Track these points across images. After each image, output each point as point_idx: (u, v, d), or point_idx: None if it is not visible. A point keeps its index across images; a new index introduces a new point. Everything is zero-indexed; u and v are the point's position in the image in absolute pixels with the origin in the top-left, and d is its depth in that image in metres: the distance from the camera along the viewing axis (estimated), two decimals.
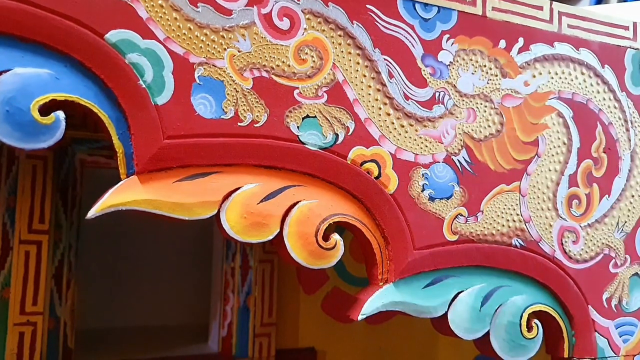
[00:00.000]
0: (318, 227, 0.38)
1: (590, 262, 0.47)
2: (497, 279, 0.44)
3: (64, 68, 0.33)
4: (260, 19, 0.38)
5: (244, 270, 0.68)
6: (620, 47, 0.49)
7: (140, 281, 0.76)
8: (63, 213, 0.59)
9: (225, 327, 0.67)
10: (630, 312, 0.49)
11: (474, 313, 0.42)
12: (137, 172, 0.34)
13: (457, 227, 0.43)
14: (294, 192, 0.38)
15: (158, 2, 0.35)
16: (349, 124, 0.40)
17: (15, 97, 0.31)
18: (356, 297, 0.41)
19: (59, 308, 0.59)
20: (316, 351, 0.73)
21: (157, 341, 0.71)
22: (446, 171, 0.43)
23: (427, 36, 0.42)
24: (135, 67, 0.34)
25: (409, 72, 0.42)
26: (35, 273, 0.56)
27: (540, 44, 0.46)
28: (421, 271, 0.41)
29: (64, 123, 0.33)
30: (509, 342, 0.43)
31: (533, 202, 0.46)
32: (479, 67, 0.44)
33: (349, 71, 0.40)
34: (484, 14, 0.44)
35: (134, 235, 0.75)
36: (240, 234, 0.36)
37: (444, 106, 0.43)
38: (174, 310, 0.77)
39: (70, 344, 0.60)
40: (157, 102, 0.35)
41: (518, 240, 0.45)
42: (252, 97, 0.37)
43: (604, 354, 0.47)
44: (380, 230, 0.41)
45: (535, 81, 0.46)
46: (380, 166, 0.40)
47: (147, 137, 0.34)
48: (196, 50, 0.36)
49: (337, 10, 0.40)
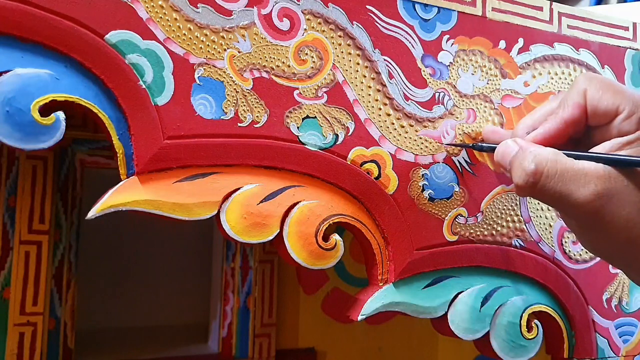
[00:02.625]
0: (318, 227, 0.38)
1: (590, 262, 0.47)
2: (497, 280, 0.44)
3: (64, 68, 0.33)
4: (260, 19, 0.38)
5: (244, 270, 0.67)
6: (620, 48, 0.50)
7: (141, 281, 0.76)
8: (63, 213, 0.59)
9: (225, 328, 0.67)
10: (630, 313, 0.49)
11: (474, 313, 0.42)
12: (137, 172, 0.34)
13: (457, 228, 0.43)
14: (294, 193, 0.38)
15: (158, 2, 0.35)
16: (349, 125, 0.40)
17: (15, 97, 0.31)
18: (356, 297, 0.42)
19: (59, 308, 0.59)
20: (316, 351, 0.73)
21: (157, 341, 0.70)
22: (446, 172, 0.43)
23: (427, 37, 0.42)
24: (135, 68, 0.34)
25: (409, 72, 0.42)
26: (35, 273, 0.56)
27: (540, 45, 0.46)
28: (421, 271, 0.42)
29: (64, 123, 0.33)
30: (509, 343, 0.43)
31: (533, 203, 0.46)
32: (479, 68, 0.44)
33: (349, 72, 0.40)
34: (483, 15, 0.44)
35: (134, 236, 0.75)
36: (240, 235, 0.36)
37: (444, 106, 0.43)
38: (174, 310, 0.77)
39: (70, 344, 0.60)
40: (157, 102, 0.35)
41: (518, 240, 0.45)
42: (252, 98, 0.37)
43: (604, 354, 0.47)
44: (380, 231, 0.41)
45: (535, 82, 0.46)
46: (380, 166, 0.41)
47: (147, 137, 0.34)
48: (196, 51, 0.36)
49: (337, 11, 0.40)
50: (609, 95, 0.36)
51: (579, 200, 0.33)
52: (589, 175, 0.33)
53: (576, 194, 0.33)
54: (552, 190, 0.34)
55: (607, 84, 0.37)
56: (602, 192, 0.33)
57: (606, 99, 0.36)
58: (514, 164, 0.36)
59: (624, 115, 0.36)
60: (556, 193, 0.34)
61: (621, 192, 0.33)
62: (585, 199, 0.33)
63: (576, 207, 0.34)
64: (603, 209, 0.33)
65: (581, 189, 0.33)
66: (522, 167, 0.35)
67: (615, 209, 0.33)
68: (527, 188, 0.35)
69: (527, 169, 0.34)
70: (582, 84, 0.37)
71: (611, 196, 0.33)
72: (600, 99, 0.36)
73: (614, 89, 0.37)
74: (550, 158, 0.34)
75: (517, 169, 0.35)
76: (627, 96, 0.36)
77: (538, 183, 0.34)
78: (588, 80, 0.37)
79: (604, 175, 0.33)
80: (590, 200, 0.33)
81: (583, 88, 0.37)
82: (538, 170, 0.34)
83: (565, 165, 0.34)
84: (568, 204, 0.34)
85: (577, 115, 0.37)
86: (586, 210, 0.33)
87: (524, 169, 0.35)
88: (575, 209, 0.34)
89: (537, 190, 0.34)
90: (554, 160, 0.34)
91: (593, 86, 0.37)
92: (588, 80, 0.37)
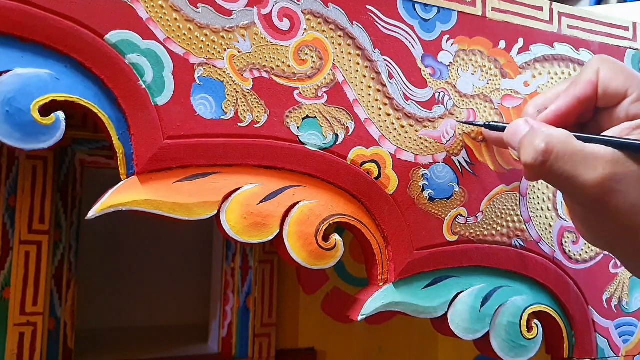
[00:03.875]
0: (318, 227, 0.38)
1: (590, 262, 0.47)
2: (497, 280, 0.44)
3: (64, 68, 0.33)
4: (260, 19, 0.38)
5: (244, 270, 0.68)
6: (620, 48, 0.50)
7: (141, 281, 0.76)
8: (63, 213, 0.59)
9: (225, 328, 0.67)
10: (630, 313, 0.49)
11: (474, 313, 0.42)
12: (137, 172, 0.34)
13: (457, 228, 0.43)
14: (294, 193, 0.38)
15: (158, 2, 0.35)
16: (349, 125, 0.40)
17: (15, 97, 0.31)
18: (356, 297, 0.42)
19: (59, 308, 0.59)
20: (316, 351, 0.73)
21: (157, 341, 0.71)
22: (446, 172, 0.43)
23: (427, 37, 0.42)
24: (135, 68, 0.34)
25: (409, 72, 0.42)
26: (35, 273, 0.56)
27: (540, 45, 0.46)
28: (421, 271, 0.42)
29: (64, 123, 0.33)
30: (509, 343, 0.43)
31: (533, 203, 0.46)
32: (479, 68, 0.44)
33: (349, 72, 0.40)
34: (483, 15, 0.44)
35: (134, 236, 0.76)
36: (240, 235, 0.36)
37: (444, 106, 0.43)
38: (174, 310, 0.77)
39: (70, 344, 0.60)
40: (157, 102, 0.35)
41: (518, 240, 0.45)
42: (252, 98, 0.37)
43: (604, 354, 0.47)
44: (380, 231, 0.41)
45: (535, 82, 0.46)
46: (380, 166, 0.41)
47: (147, 137, 0.34)
48: (196, 51, 0.36)
49: (337, 11, 0.40)
50: (621, 77, 0.37)
51: (587, 182, 0.33)
52: (598, 159, 0.33)
53: (584, 177, 0.33)
54: (560, 170, 0.34)
55: (620, 67, 0.38)
56: (610, 175, 0.33)
57: (617, 80, 0.37)
58: (524, 142, 0.36)
59: (632, 98, 0.36)
60: (564, 173, 0.34)
61: (629, 177, 0.33)
62: (592, 181, 0.33)
63: (583, 190, 0.34)
64: (610, 193, 0.33)
65: (589, 172, 0.33)
66: (533, 145, 0.35)
67: (622, 194, 0.33)
68: (536, 167, 0.35)
69: (538, 148, 0.34)
70: (596, 64, 0.38)
71: (618, 180, 0.33)
72: (612, 79, 0.37)
73: (626, 72, 0.37)
74: (562, 139, 0.34)
75: (527, 147, 0.35)
76: (637, 80, 0.37)
77: (547, 162, 0.34)
78: (602, 61, 0.38)
79: (612, 159, 0.33)
80: (597, 184, 0.33)
81: (596, 67, 0.38)
82: (548, 149, 0.34)
83: (575, 147, 0.34)
84: (575, 186, 0.34)
85: (589, 93, 0.38)
86: (593, 193, 0.33)
87: (535, 147, 0.34)
88: (582, 191, 0.34)
89: (546, 169, 0.34)
90: (565, 141, 0.34)
91: (606, 66, 0.38)
92: (602, 61, 0.38)
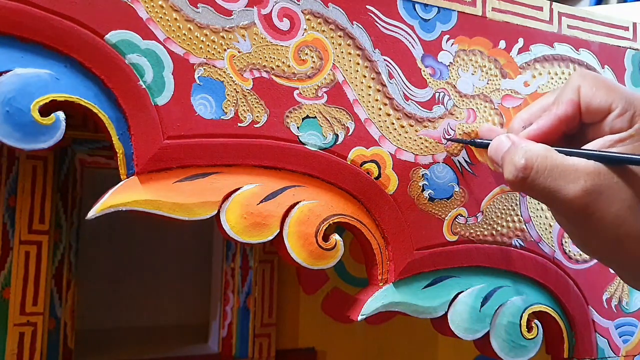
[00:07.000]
0: (318, 227, 0.38)
1: (590, 262, 0.47)
2: (497, 280, 0.44)
3: (64, 68, 0.33)
4: (260, 19, 0.38)
5: (244, 270, 0.67)
6: (620, 48, 0.50)
7: (140, 281, 0.76)
8: (63, 213, 0.59)
9: (225, 328, 0.67)
10: (630, 313, 0.49)
11: (473, 313, 0.42)
12: (137, 172, 0.34)
13: (457, 228, 0.43)
14: (294, 193, 0.38)
15: (158, 2, 0.35)
16: (348, 125, 0.40)
17: (15, 97, 0.31)
18: (356, 297, 0.42)
19: (59, 308, 0.59)
20: (316, 351, 0.73)
21: (157, 341, 0.70)
22: (446, 172, 0.43)
23: (427, 37, 0.42)
24: (135, 68, 0.34)
25: (409, 72, 0.42)
26: (35, 273, 0.56)
27: (540, 45, 0.46)
28: (421, 271, 0.42)
29: (64, 123, 0.33)
30: (509, 343, 0.43)
31: (533, 203, 0.46)
32: (479, 68, 0.44)
33: (349, 72, 0.40)
34: (483, 15, 0.44)
35: (134, 236, 0.75)
36: (240, 235, 0.36)
37: (444, 106, 0.43)
38: (174, 310, 0.77)
39: (70, 344, 0.60)
40: (157, 102, 0.35)
41: (518, 240, 0.45)
42: (252, 98, 0.37)
43: (604, 354, 0.47)
44: (380, 231, 0.41)
45: (535, 82, 0.46)
46: (380, 166, 0.41)
47: (147, 137, 0.34)
48: (196, 51, 0.36)
49: (337, 11, 0.40)
50: (602, 93, 0.36)
51: (568, 196, 0.33)
52: (579, 172, 0.33)
53: (565, 190, 0.33)
54: (541, 185, 0.34)
55: (601, 81, 0.37)
56: (591, 188, 0.33)
57: (599, 96, 0.36)
58: (506, 159, 0.36)
59: (616, 113, 0.36)
60: (546, 188, 0.34)
61: (611, 189, 0.33)
62: (574, 195, 0.33)
63: (565, 203, 0.33)
64: (592, 205, 0.33)
65: (570, 185, 0.33)
66: (513, 162, 0.35)
67: (604, 205, 0.33)
68: (517, 183, 0.35)
69: (518, 164, 0.34)
70: (576, 81, 0.37)
71: (600, 192, 0.33)
72: (594, 96, 0.36)
73: (607, 86, 0.37)
74: (541, 154, 0.34)
75: (508, 164, 0.35)
76: (620, 94, 0.36)
77: (528, 178, 0.34)
78: (582, 77, 0.37)
79: (593, 172, 0.33)
80: (579, 197, 0.33)
81: (577, 85, 0.37)
82: (528, 165, 0.34)
83: (555, 161, 0.34)
84: (557, 200, 0.34)
85: (570, 113, 0.37)
86: (575, 206, 0.33)
87: (514, 164, 0.35)
88: (564, 205, 0.34)
89: (527, 185, 0.34)
90: (545, 156, 0.34)
91: (586, 83, 0.37)
92: (582, 77, 0.37)
